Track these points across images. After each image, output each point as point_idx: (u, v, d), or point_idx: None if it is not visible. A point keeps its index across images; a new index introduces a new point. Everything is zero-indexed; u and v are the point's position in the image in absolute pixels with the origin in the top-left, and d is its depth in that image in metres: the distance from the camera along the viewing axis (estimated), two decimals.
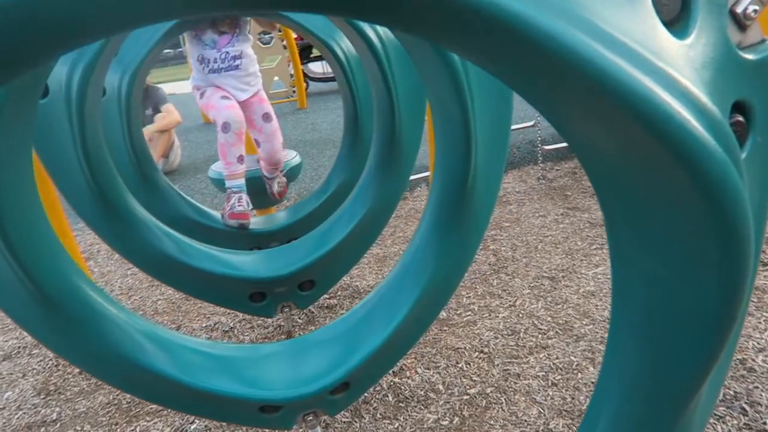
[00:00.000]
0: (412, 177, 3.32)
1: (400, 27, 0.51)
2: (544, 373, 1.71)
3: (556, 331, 1.92)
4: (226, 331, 2.30)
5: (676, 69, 0.42)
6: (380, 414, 1.66)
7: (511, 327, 1.99)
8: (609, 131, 0.44)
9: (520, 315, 2.06)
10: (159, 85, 5.41)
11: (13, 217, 0.92)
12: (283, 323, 2.22)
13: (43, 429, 1.85)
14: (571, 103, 0.45)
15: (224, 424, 1.69)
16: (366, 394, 1.74)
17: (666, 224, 0.48)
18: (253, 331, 2.27)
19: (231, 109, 2.14)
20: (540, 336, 1.91)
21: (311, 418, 1.29)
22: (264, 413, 1.25)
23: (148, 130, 4.65)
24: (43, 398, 2.02)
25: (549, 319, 2.00)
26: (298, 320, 2.28)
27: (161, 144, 4.95)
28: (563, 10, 0.40)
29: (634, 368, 0.60)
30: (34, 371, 2.20)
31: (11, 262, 0.95)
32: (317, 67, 8.92)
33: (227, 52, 2.20)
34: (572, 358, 1.76)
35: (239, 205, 2.09)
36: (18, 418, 1.93)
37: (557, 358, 1.77)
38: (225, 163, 2.16)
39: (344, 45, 2.00)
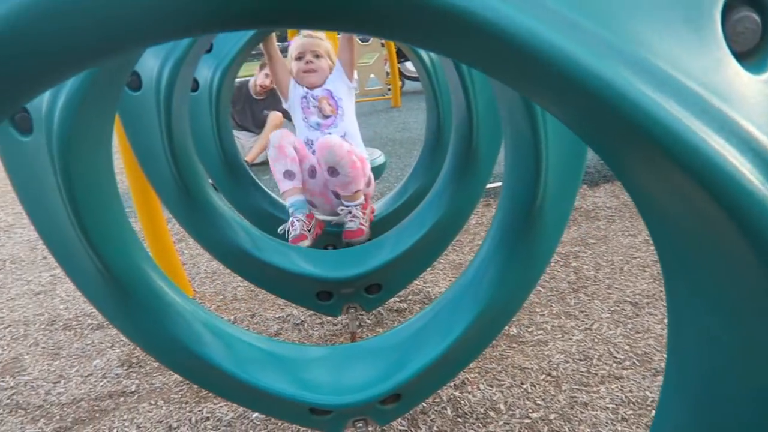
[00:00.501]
0: (495, 185, 3.24)
1: (441, 52, 0.48)
2: (614, 406, 1.60)
3: (633, 362, 1.79)
4: (297, 324, 2.34)
5: (742, 111, 0.36)
6: (437, 427, 1.63)
7: (584, 352, 1.88)
8: (659, 179, 0.39)
9: (596, 340, 1.94)
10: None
11: (89, 204, 0.98)
12: (347, 318, 2.23)
13: (122, 399, 1.98)
14: (616, 145, 0.40)
15: None
16: (424, 405, 1.71)
17: (724, 284, 0.42)
18: (323, 326, 2.30)
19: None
20: (615, 365, 1.79)
21: (361, 425, 1.29)
22: (314, 415, 1.25)
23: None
24: (126, 369, 2.15)
25: (627, 347, 1.87)
26: (367, 321, 2.28)
27: (264, 139, 5.25)
28: (611, 45, 0.36)
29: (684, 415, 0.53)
30: (121, 343, 2.35)
31: (86, 247, 1.01)
32: (414, 67, 8.92)
33: (329, 133, 2.27)
34: (647, 393, 1.64)
35: (293, 230, 2.04)
36: (102, 385, 2.07)
37: (631, 391, 1.65)
38: (276, 180, 2.16)
39: None
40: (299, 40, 2.36)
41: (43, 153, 0.89)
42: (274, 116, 5.45)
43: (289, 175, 2.08)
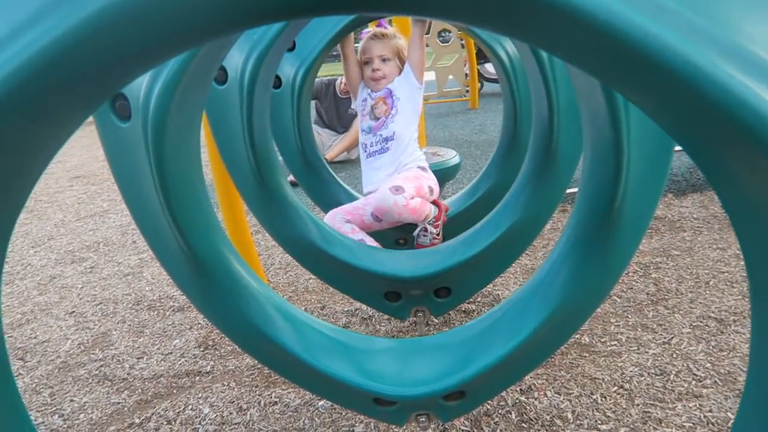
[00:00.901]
0: (573, 190, 3.14)
1: (544, 48, 0.49)
2: (691, 425, 1.52)
3: (715, 381, 1.69)
4: (365, 318, 2.38)
5: None
6: (500, 430, 1.60)
7: (660, 366, 1.79)
8: (758, 181, 0.37)
9: (674, 355, 1.85)
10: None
11: (177, 189, 1.05)
12: (416, 321, 2.24)
13: (197, 378, 2.08)
14: (710, 140, 0.39)
15: None
16: (488, 406, 1.69)
17: None
18: (390, 322, 2.32)
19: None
20: (694, 382, 1.70)
21: (424, 419, 1.29)
22: (378, 405, 1.27)
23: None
24: (202, 351, 2.26)
25: (708, 365, 1.77)
26: (434, 320, 2.28)
27: (349, 141, 5.34)
28: (709, 33, 0.35)
29: None
30: (199, 326, 2.48)
31: (174, 229, 1.08)
32: (493, 68, 8.81)
33: (380, 135, 2.30)
34: (729, 414, 1.54)
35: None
36: (180, 364, 2.19)
37: (710, 410, 1.56)
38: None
39: (509, 48, 1.95)
40: (366, 42, 2.32)
41: (138, 139, 0.96)
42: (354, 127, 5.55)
43: (353, 230, 2.14)
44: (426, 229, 2.17)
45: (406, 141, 2.30)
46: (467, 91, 7.85)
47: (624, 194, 0.98)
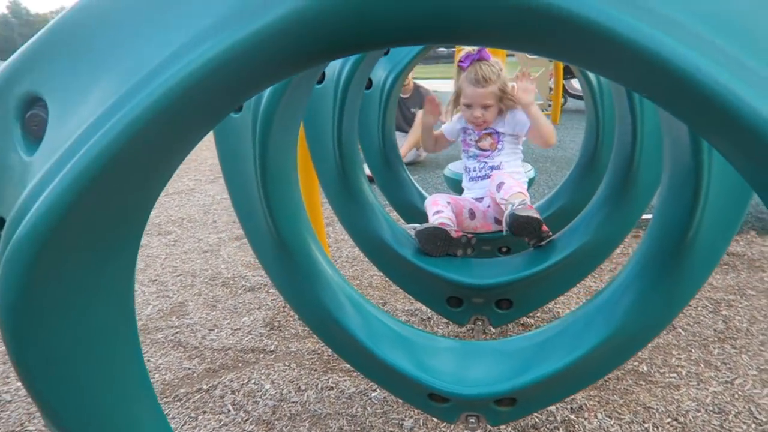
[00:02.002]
0: (648, 216, 3.08)
1: (605, 76, 0.54)
2: None
3: None
4: (425, 319, 2.45)
5: None
6: None
7: (720, 405, 1.76)
8: None
9: (736, 396, 1.81)
10: (424, 82, 5.86)
11: (275, 176, 1.15)
12: (474, 328, 2.28)
13: (262, 355, 2.21)
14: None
15: (399, 400, 1.83)
16: (537, 420, 1.72)
17: None
18: (448, 326, 2.38)
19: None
20: (754, 426, 1.66)
21: (473, 421, 1.34)
22: (431, 401, 1.33)
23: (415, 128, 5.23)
24: (268, 330, 2.40)
25: None
26: (491, 330, 2.32)
27: (415, 136, 5.38)
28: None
29: None
30: (267, 307, 2.62)
31: (267, 214, 1.19)
32: (578, 84, 8.65)
33: (486, 162, 2.27)
34: None
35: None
36: (247, 340, 2.33)
37: None
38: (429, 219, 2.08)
39: None
40: (468, 86, 2.19)
41: (247, 130, 1.07)
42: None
43: (438, 213, 2.03)
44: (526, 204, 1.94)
45: (510, 170, 2.27)
46: (549, 105, 7.75)
47: (699, 226, 1.00)
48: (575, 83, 8.60)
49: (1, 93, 0.59)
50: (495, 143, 2.26)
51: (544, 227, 1.87)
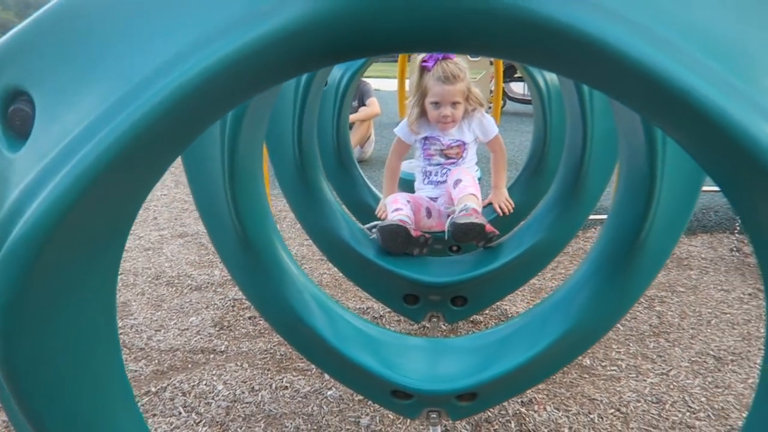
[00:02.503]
0: (592, 217, 3.22)
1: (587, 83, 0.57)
2: None
3: (708, 415, 1.77)
4: (376, 317, 2.47)
5: None
6: None
7: (657, 395, 1.88)
8: None
9: (671, 386, 1.93)
10: (367, 80, 5.87)
11: (242, 175, 1.14)
12: (428, 326, 2.32)
13: (212, 356, 2.17)
14: (740, 176, 0.48)
15: (356, 396, 1.84)
16: (490, 414, 1.77)
17: None
18: (400, 324, 2.41)
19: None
20: (688, 414, 1.78)
21: (434, 416, 1.37)
22: (394, 397, 1.35)
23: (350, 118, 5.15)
24: (217, 330, 2.35)
25: (703, 399, 1.85)
26: (442, 327, 2.37)
27: (359, 134, 5.39)
28: (756, 102, 0.44)
29: None
30: (215, 306, 2.57)
31: (233, 214, 1.17)
32: (518, 88, 8.92)
33: (449, 169, 2.28)
34: None
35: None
36: (196, 341, 2.28)
37: None
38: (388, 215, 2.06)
39: (547, 73, 2.04)
40: (436, 84, 2.16)
41: (214, 128, 1.05)
42: (370, 109, 5.52)
43: (396, 209, 2.01)
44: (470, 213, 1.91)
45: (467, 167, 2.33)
46: (489, 107, 7.94)
47: (651, 227, 1.07)
48: (515, 87, 8.86)
49: None
50: (461, 152, 2.30)
51: (488, 228, 1.89)
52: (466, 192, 2.01)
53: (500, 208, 2.23)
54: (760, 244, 0.54)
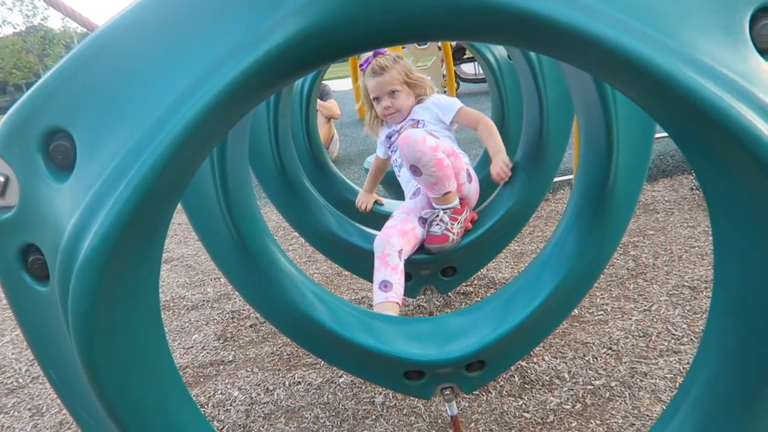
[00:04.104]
0: (555, 179, 3.38)
1: (558, 57, 0.68)
2: (672, 376, 1.75)
3: (691, 339, 1.92)
4: (372, 305, 2.56)
5: (762, 89, 0.54)
6: (506, 391, 1.81)
7: (643, 329, 2.02)
8: (706, 137, 0.58)
9: (655, 320, 2.08)
10: (325, 82, 5.97)
11: (233, 184, 1.22)
12: (423, 304, 2.44)
13: (221, 367, 2.24)
14: (675, 115, 0.59)
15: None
16: None
17: (758, 215, 0.60)
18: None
19: (383, 230, 1.95)
20: (673, 341, 1.93)
21: (448, 392, 1.42)
22: (407, 379, 1.42)
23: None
24: (222, 343, 2.42)
25: (685, 326, 2.00)
26: (436, 302, 2.48)
27: (322, 135, 5.47)
28: (670, 48, 0.55)
29: (729, 340, 0.71)
30: (215, 321, 2.63)
31: (229, 223, 1.25)
32: (469, 68, 9.11)
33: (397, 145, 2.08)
34: None
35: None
36: (203, 356, 2.34)
37: (688, 363, 1.79)
38: (373, 288, 1.91)
39: (496, 51, 2.16)
40: (367, 80, 2.14)
41: None
42: (331, 107, 5.59)
43: (385, 285, 1.84)
44: (439, 216, 1.94)
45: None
46: (445, 91, 8.10)
47: (615, 174, 1.19)
48: (465, 68, 9.04)
49: (22, 128, 0.63)
50: (416, 124, 2.17)
51: (469, 225, 2.01)
52: (439, 194, 1.94)
53: (498, 175, 2.00)
54: (698, 165, 0.66)
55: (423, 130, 1.87)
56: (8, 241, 0.66)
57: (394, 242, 1.87)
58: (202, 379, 2.18)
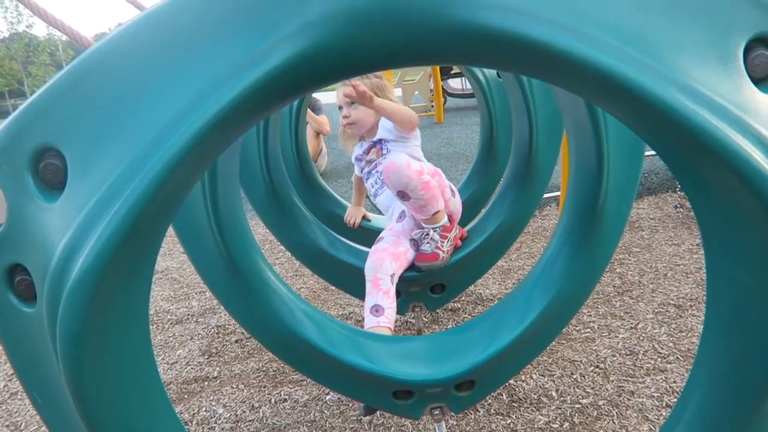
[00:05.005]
0: (547, 195, 3.40)
1: (555, 83, 0.69)
2: (659, 395, 1.75)
3: (677, 357, 1.93)
4: (359, 320, 2.55)
5: (757, 118, 0.55)
6: (494, 410, 1.80)
7: (629, 348, 2.03)
8: (699, 163, 0.58)
9: (641, 338, 2.09)
10: (317, 95, 5.97)
11: (223, 203, 1.21)
12: (411, 321, 2.43)
13: (206, 383, 2.21)
14: (668, 140, 0.59)
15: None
16: None
17: (750, 242, 0.61)
18: None
19: (374, 253, 1.92)
20: (659, 359, 1.94)
21: (437, 412, 1.41)
22: (396, 399, 1.40)
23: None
24: (206, 358, 2.39)
25: (671, 344, 2.02)
26: (424, 318, 2.47)
27: (311, 149, 5.47)
28: (666, 76, 0.56)
29: (722, 363, 0.71)
30: (200, 336, 2.60)
31: (219, 241, 1.24)
32: (456, 84, 9.18)
33: (377, 171, 2.15)
34: None
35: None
36: (187, 372, 2.31)
37: (675, 382, 1.80)
38: (364, 311, 1.88)
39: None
40: (339, 88, 2.09)
41: None
42: (321, 121, 5.56)
43: (376, 310, 1.81)
44: (429, 235, 1.95)
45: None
46: (432, 106, 8.15)
47: (606, 194, 1.19)
48: (453, 83, 9.11)
49: (11, 146, 0.62)
50: (379, 151, 2.20)
51: (459, 242, 2.01)
52: (428, 213, 1.92)
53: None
54: (692, 190, 0.66)
55: (405, 155, 1.86)
56: None
57: (387, 266, 1.86)
58: (186, 396, 2.15)
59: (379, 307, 1.82)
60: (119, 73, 0.60)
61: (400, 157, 1.83)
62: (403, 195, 1.87)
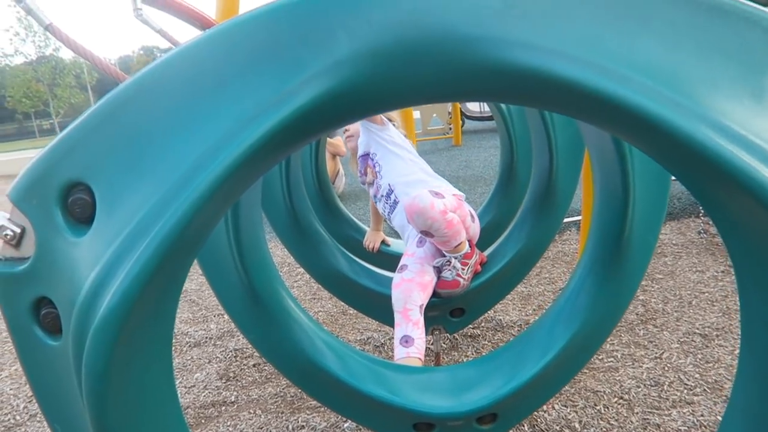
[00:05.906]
0: (566, 220, 3.36)
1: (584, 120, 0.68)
2: (686, 428, 1.70)
3: (704, 389, 1.88)
4: (377, 346, 2.53)
5: None
6: None
7: (654, 378, 1.98)
8: (733, 201, 0.57)
9: (666, 368, 2.04)
10: None
11: (245, 231, 1.21)
12: (430, 346, 2.40)
13: (223, 408, 2.19)
14: (702, 179, 0.58)
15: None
16: None
17: None
18: None
19: (401, 283, 1.90)
20: (686, 391, 1.89)
21: None
22: (416, 431, 1.40)
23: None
24: (224, 383, 2.38)
25: (697, 376, 1.96)
26: (443, 345, 2.44)
27: (329, 171, 5.50)
28: (698, 114, 0.55)
29: (757, 405, 0.69)
30: (218, 359, 2.59)
31: (240, 269, 1.24)
32: (474, 106, 9.19)
33: (382, 194, 2.15)
34: (719, 417, 1.73)
35: None
36: (204, 396, 2.30)
37: (702, 415, 1.75)
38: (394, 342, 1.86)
39: None
40: None
41: None
42: (337, 143, 5.61)
43: (406, 341, 1.80)
44: (450, 263, 1.95)
45: (410, 181, 2.12)
46: (450, 129, 8.16)
47: (631, 224, 1.17)
48: (471, 105, 9.12)
49: (41, 180, 0.63)
50: (372, 169, 2.18)
51: (479, 267, 2.00)
52: (451, 246, 1.92)
53: None
54: (724, 228, 0.65)
55: (428, 193, 1.82)
56: (21, 293, 0.65)
57: (416, 297, 1.86)
58: (203, 421, 2.14)
59: (409, 338, 1.80)
60: (148, 110, 0.61)
61: (424, 197, 1.79)
62: (426, 233, 1.88)
